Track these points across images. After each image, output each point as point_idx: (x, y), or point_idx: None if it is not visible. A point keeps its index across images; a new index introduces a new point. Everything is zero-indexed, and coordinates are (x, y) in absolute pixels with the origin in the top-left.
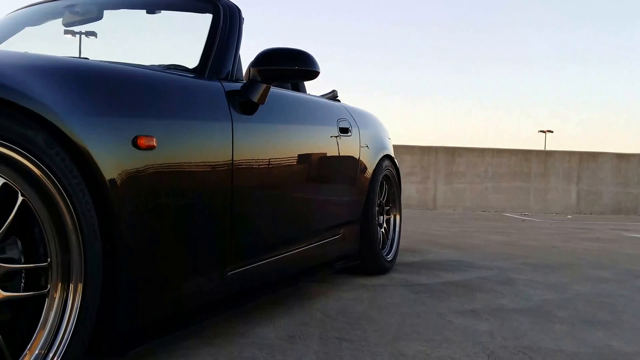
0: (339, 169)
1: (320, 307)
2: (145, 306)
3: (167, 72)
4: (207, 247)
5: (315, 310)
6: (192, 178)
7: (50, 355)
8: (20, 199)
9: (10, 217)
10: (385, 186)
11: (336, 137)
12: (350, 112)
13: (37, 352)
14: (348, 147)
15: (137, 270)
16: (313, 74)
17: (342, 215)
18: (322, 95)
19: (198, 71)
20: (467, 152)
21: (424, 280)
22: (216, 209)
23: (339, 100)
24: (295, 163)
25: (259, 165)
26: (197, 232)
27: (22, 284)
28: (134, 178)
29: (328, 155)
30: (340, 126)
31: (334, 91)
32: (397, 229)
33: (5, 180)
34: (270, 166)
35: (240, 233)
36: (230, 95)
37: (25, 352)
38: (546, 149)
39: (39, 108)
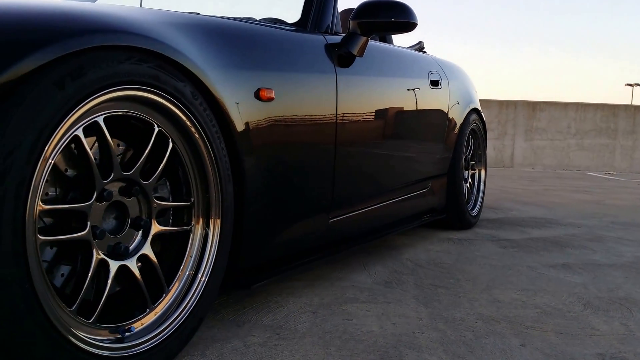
0: (429, 122)
1: (409, 257)
2: (264, 245)
3: (277, 27)
4: (315, 194)
5: (405, 260)
6: (303, 129)
7: (195, 284)
8: (170, 145)
9: (164, 162)
10: (471, 140)
11: (427, 89)
12: (439, 64)
13: (182, 283)
14: (438, 100)
15: (258, 212)
16: (411, 25)
17: (430, 168)
18: (409, 47)
19: (300, 25)
20: (549, 106)
21: (510, 236)
22: (322, 158)
23: (425, 52)
24: (389, 116)
25: (357, 117)
26: (307, 179)
27: (170, 221)
28: (256, 128)
29: (419, 108)
30: (431, 79)
31: (420, 42)
32: (481, 184)
33: (160, 128)
34: (367, 118)
35: (341, 182)
36: (332, 48)
37: (174, 281)
38: (633, 103)
39: (187, 63)
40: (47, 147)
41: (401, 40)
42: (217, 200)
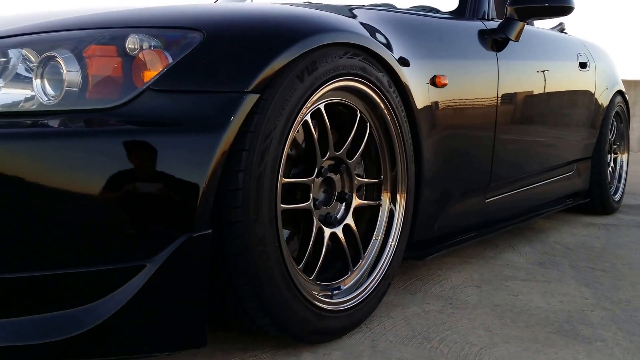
0: (577, 105)
1: (557, 240)
2: (433, 221)
3: (442, 17)
4: (476, 174)
5: (553, 243)
6: (469, 112)
7: (385, 251)
8: (368, 128)
9: (364, 143)
10: (615, 123)
11: (576, 72)
12: (585, 45)
13: (374, 250)
14: (585, 82)
15: (430, 190)
16: (567, 9)
17: (576, 152)
18: (551, 29)
19: (457, 13)
20: None
21: None
22: (484, 141)
23: (566, 34)
24: (542, 99)
25: (515, 100)
26: (471, 160)
27: (363, 196)
28: (431, 112)
29: (568, 90)
30: (580, 61)
31: (561, 24)
32: (624, 168)
33: (362, 114)
34: (522, 102)
35: (498, 163)
36: (490, 33)
37: (367, 248)
38: None
39: (386, 55)
40: (291, 130)
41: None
42: (402, 177)
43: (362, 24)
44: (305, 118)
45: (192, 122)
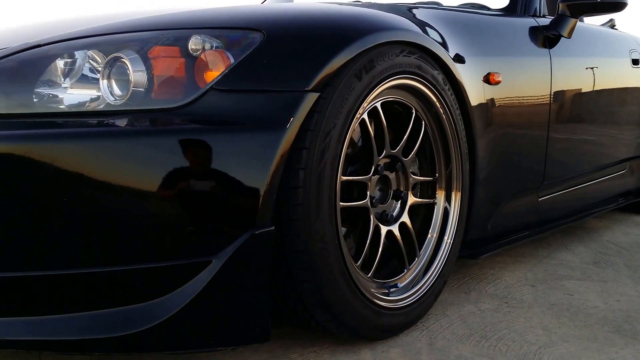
0: (629, 102)
1: (610, 239)
2: (486, 220)
3: (494, 14)
4: (530, 172)
5: (606, 242)
6: (523, 110)
7: (441, 249)
8: (423, 126)
9: (419, 141)
10: None
11: (629, 68)
12: (638, 42)
13: (430, 248)
14: (638, 79)
15: (484, 188)
16: (620, 5)
17: (628, 150)
18: (601, 25)
19: (509, 10)
20: None
21: None
22: (537, 139)
23: (616, 30)
24: (594, 96)
25: (568, 98)
26: (524, 158)
27: (418, 194)
28: (486, 111)
29: (620, 87)
30: (632, 57)
31: (611, 20)
32: None
33: (417, 112)
34: (575, 99)
35: (551, 161)
36: (542, 30)
37: (423, 246)
38: None
39: (441, 53)
40: (349, 128)
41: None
42: (457, 175)
43: (416, 22)
44: (362, 116)
45: (254, 121)
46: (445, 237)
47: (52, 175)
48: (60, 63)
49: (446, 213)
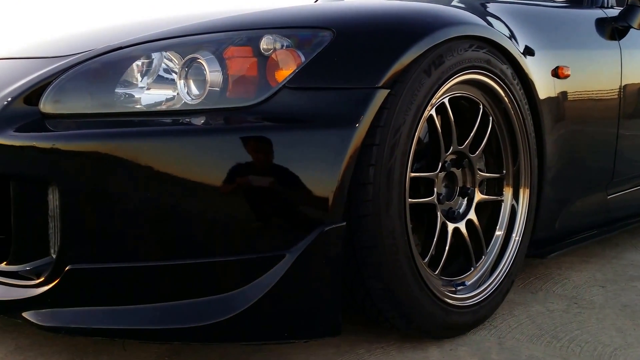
0: None
1: None
2: (554, 218)
3: (561, 6)
4: (599, 169)
5: None
6: (592, 104)
7: (508, 248)
8: (491, 121)
9: (486, 136)
10: None
11: None
12: None
13: (497, 246)
14: None
15: (552, 185)
16: None
17: None
18: None
19: (575, 1)
20: None
21: None
22: (607, 134)
23: None
24: None
25: (638, 92)
26: (593, 154)
27: (484, 191)
28: (555, 105)
29: None
30: None
31: None
32: None
33: (484, 107)
34: None
35: (621, 157)
36: (611, 22)
37: (490, 243)
38: None
39: (510, 47)
40: (419, 124)
41: None
42: (525, 172)
43: (484, 15)
44: (430, 112)
45: (326, 119)
46: (513, 235)
47: (135, 172)
48: (138, 64)
49: (513, 210)
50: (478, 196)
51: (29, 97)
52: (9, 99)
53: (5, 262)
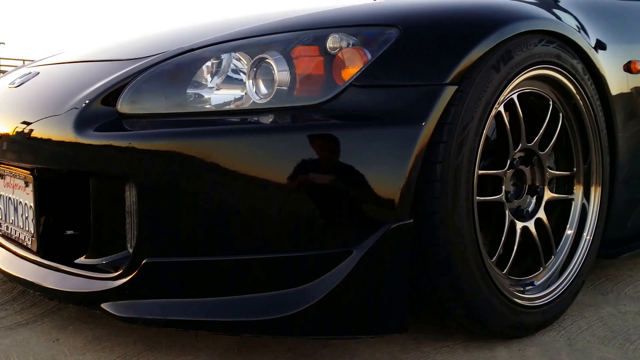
0: None
1: None
2: (625, 218)
3: None
4: None
5: None
6: None
7: (579, 247)
8: (561, 118)
9: (556, 133)
10: None
11: None
12: None
13: (567, 245)
14: None
15: (626, 183)
16: None
17: None
18: None
19: None
20: None
21: None
22: None
23: None
24: None
25: None
26: None
27: (554, 189)
28: (627, 101)
29: None
30: None
31: None
32: None
33: (554, 103)
34: None
35: None
36: None
37: (560, 243)
38: None
39: (581, 41)
40: (487, 121)
41: None
42: (597, 170)
43: (553, 9)
44: (498, 109)
45: (393, 116)
46: (585, 234)
47: (206, 170)
48: (208, 65)
49: (584, 209)
50: (547, 194)
51: (107, 98)
52: (88, 100)
53: (84, 256)
